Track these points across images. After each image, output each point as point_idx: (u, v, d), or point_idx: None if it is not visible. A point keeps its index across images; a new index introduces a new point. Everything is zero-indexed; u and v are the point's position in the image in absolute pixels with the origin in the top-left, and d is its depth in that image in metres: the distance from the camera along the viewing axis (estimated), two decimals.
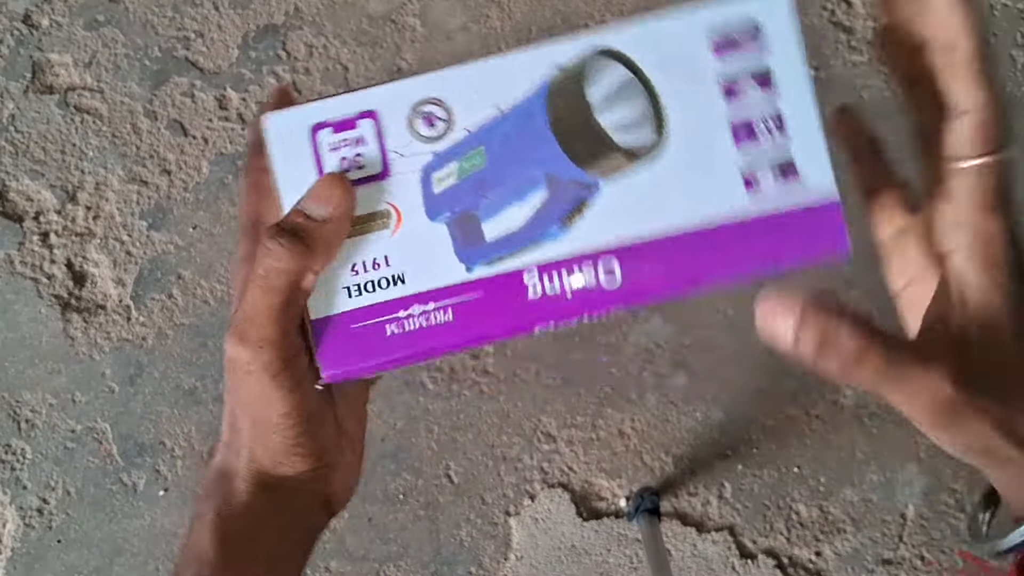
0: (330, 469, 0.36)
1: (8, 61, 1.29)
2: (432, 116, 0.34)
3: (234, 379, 0.33)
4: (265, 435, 0.33)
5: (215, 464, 0.35)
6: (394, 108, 0.34)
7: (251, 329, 0.31)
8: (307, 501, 0.36)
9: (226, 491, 0.34)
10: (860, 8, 1.27)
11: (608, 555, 1.12)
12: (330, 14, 1.30)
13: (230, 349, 0.32)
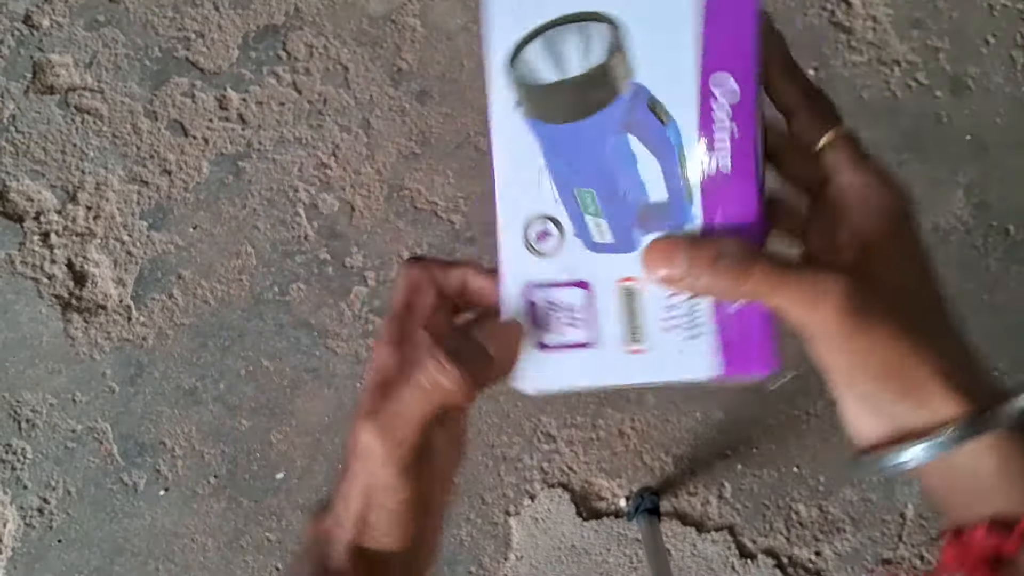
0: (420, 549, 0.37)
1: (9, 61, 1.30)
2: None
3: (361, 464, 0.34)
4: (376, 516, 0.35)
5: (319, 529, 0.37)
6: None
7: (396, 428, 0.33)
8: (395, 572, 0.37)
9: (323, 555, 0.36)
10: (860, 8, 1.27)
11: (608, 555, 1.12)
12: (330, 14, 1.30)
13: (367, 438, 0.33)
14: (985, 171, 1.21)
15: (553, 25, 0.33)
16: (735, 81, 0.33)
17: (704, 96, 0.33)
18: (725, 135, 0.33)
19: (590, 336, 0.34)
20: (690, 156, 0.33)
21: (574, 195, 0.34)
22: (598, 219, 0.34)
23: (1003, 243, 1.19)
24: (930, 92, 1.24)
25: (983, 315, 1.16)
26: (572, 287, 0.34)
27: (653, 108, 0.33)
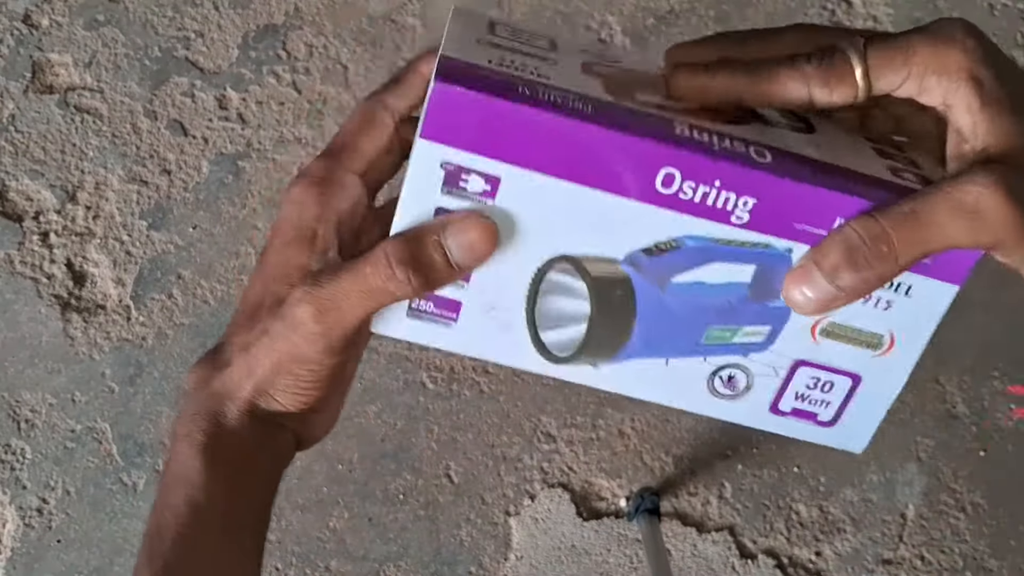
0: (315, 415, 0.36)
1: (8, 61, 1.29)
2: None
3: (285, 335, 0.33)
4: (282, 381, 0.34)
5: (212, 386, 0.34)
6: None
7: (335, 315, 0.32)
8: (285, 436, 0.36)
9: (217, 413, 0.34)
10: (860, 8, 1.27)
11: (608, 555, 1.12)
12: (330, 14, 1.30)
13: (302, 314, 0.32)
14: None
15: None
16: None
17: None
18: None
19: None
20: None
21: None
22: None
23: None
24: None
25: (983, 315, 1.16)
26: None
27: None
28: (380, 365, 1.17)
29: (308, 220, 0.34)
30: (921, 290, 0.33)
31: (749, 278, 0.32)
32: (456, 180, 0.31)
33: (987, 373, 1.15)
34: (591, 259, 0.32)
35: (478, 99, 0.30)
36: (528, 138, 0.31)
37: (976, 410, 1.15)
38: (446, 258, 0.31)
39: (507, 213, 0.32)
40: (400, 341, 0.35)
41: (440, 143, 0.31)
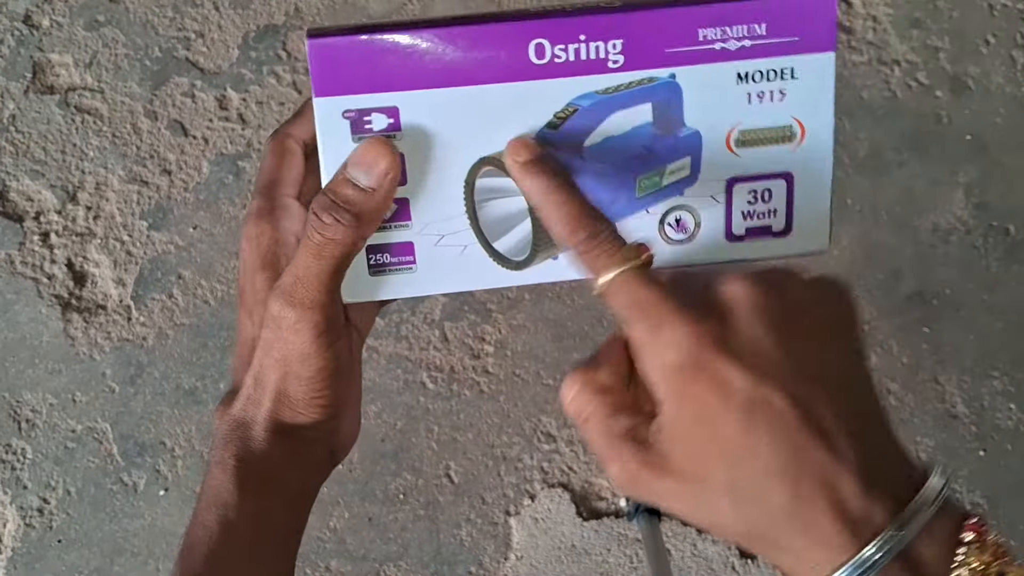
0: (339, 421, 0.37)
1: (8, 61, 1.30)
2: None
3: (275, 335, 0.34)
4: (292, 388, 0.35)
5: (233, 414, 0.36)
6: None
7: (301, 291, 0.33)
8: (317, 450, 0.38)
9: (244, 438, 0.36)
10: (860, 8, 1.27)
11: (608, 555, 1.12)
12: (330, 14, 1.30)
13: (277, 308, 0.33)
14: (985, 171, 1.21)
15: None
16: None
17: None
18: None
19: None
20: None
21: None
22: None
23: (1003, 243, 1.19)
24: (930, 92, 1.24)
25: (983, 315, 1.17)
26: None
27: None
28: (380, 365, 1.17)
29: (266, 247, 0.36)
30: (803, 68, 0.34)
31: (650, 116, 0.34)
32: (361, 124, 0.33)
33: (987, 373, 1.16)
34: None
35: (349, 42, 0.32)
36: (405, 60, 0.32)
37: (976, 410, 1.15)
38: (357, 187, 0.33)
39: (417, 138, 0.34)
40: (383, 308, 0.35)
41: (333, 95, 0.33)
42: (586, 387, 0.31)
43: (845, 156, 1.21)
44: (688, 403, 0.28)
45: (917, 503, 0.27)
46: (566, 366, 1.16)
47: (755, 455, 0.27)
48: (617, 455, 0.30)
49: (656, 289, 0.29)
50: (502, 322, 1.18)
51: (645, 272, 0.30)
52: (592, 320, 1.17)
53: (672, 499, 0.29)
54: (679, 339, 0.28)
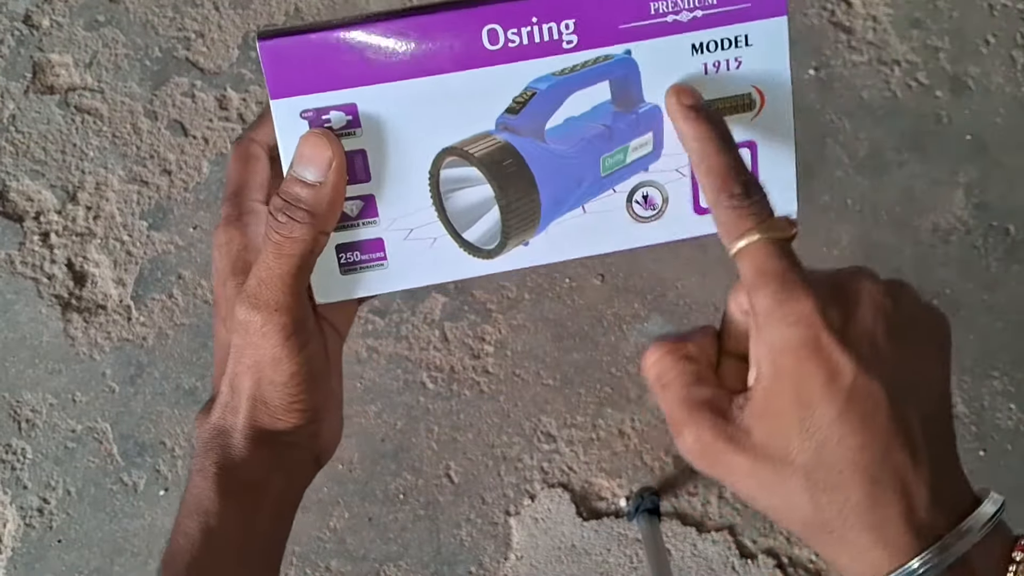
0: (320, 424, 0.37)
1: (9, 61, 1.30)
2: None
3: (244, 341, 0.34)
4: (268, 393, 0.35)
5: (212, 422, 0.36)
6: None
7: (265, 293, 0.33)
8: (299, 455, 0.37)
9: (224, 445, 0.35)
10: (860, 8, 1.27)
11: (608, 555, 1.12)
12: (330, 14, 1.30)
13: (243, 313, 0.33)
14: (985, 171, 1.21)
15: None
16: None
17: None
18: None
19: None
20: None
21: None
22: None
23: (1003, 243, 1.19)
24: (930, 92, 1.24)
25: (983, 315, 1.17)
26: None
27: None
28: (380, 365, 1.17)
29: (236, 252, 0.36)
30: (756, 35, 0.34)
31: (609, 94, 0.34)
32: (319, 123, 0.33)
33: (987, 373, 1.16)
34: (468, 141, 0.34)
35: (301, 41, 0.32)
36: (359, 56, 0.32)
37: (976, 410, 1.15)
38: (305, 183, 0.33)
39: (377, 133, 0.33)
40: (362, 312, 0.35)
41: (289, 96, 0.33)
42: (670, 353, 0.31)
43: (845, 156, 1.21)
44: (790, 379, 0.28)
45: (975, 518, 0.28)
46: (566, 366, 1.16)
47: (844, 444, 0.28)
48: (694, 423, 0.29)
49: (793, 264, 0.29)
50: (502, 322, 1.18)
51: (787, 245, 0.30)
52: (592, 320, 1.17)
53: (742, 476, 0.29)
54: (803, 315, 0.28)
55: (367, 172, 0.34)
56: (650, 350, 0.32)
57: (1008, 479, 1.13)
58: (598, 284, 1.18)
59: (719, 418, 0.29)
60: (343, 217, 0.34)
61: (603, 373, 1.15)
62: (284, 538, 0.38)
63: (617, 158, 0.35)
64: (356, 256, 0.35)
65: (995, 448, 1.14)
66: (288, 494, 0.38)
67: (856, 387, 0.28)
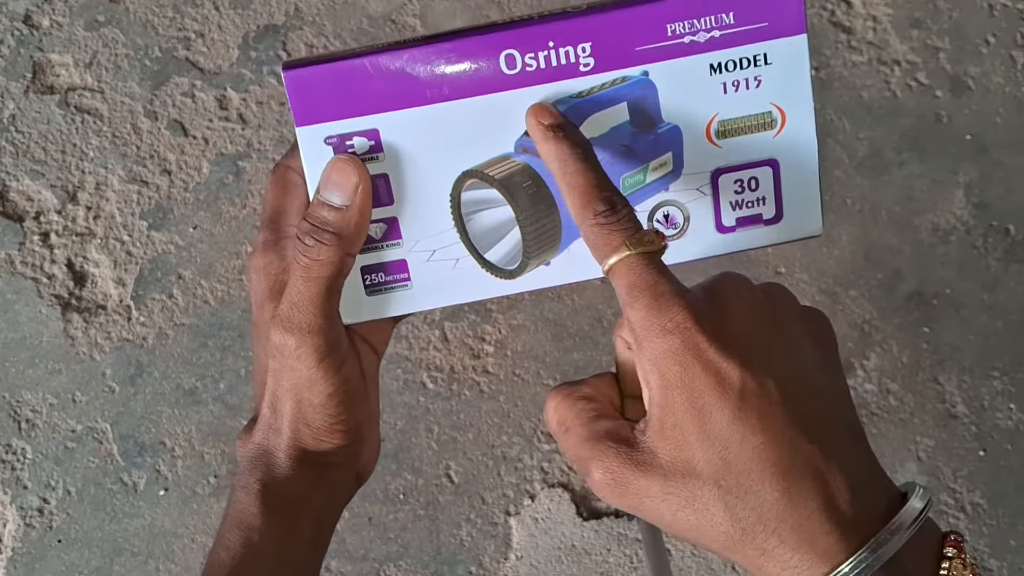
0: (361, 445, 0.38)
1: (8, 61, 1.30)
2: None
3: (280, 364, 0.35)
4: (309, 415, 0.35)
5: (255, 441, 0.37)
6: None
7: (298, 316, 0.33)
8: (341, 475, 0.38)
9: (269, 464, 0.36)
10: (860, 8, 1.27)
11: (608, 555, 1.12)
12: (330, 14, 1.30)
13: (278, 337, 0.34)
14: (985, 171, 1.21)
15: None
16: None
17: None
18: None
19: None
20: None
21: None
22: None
23: (1003, 243, 1.19)
24: (930, 92, 1.24)
25: (983, 315, 1.17)
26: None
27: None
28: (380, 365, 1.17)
29: (274, 276, 0.36)
30: (776, 53, 0.34)
31: (627, 115, 0.34)
32: (343, 149, 0.34)
33: (987, 373, 1.16)
34: (488, 163, 0.34)
35: (325, 70, 0.33)
36: (380, 83, 0.33)
37: (976, 410, 1.15)
38: (331, 207, 0.33)
39: (400, 157, 0.34)
40: (393, 335, 0.36)
41: (313, 124, 0.33)
42: (567, 397, 0.31)
43: (845, 156, 1.21)
44: (679, 389, 0.28)
45: (904, 514, 0.27)
46: (566, 366, 1.16)
47: (747, 444, 0.27)
48: (599, 455, 0.29)
49: (664, 275, 0.29)
50: (502, 322, 1.18)
51: (657, 258, 0.30)
52: (592, 320, 1.17)
53: (656, 501, 0.28)
54: (678, 323, 0.28)
55: (390, 195, 0.35)
56: (548, 399, 0.32)
57: (1008, 479, 1.13)
58: (598, 284, 1.18)
59: (623, 446, 0.29)
60: (368, 240, 0.35)
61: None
62: (322, 554, 0.38)
63: (637, 178, 0.35)
64: (381, 277, 0.35)
65: (995, 448, 1.14)
66: (328, 512, 0.38)
67: (746, 386, 0.27)
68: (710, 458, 0.27)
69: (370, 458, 0.39)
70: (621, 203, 0.30)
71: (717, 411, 0.27)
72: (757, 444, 0.27)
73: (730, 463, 0.27)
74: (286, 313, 0.34)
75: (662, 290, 0.28)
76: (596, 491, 0.30)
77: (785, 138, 0.34)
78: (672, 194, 0.35)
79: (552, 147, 0.32)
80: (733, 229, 0.36)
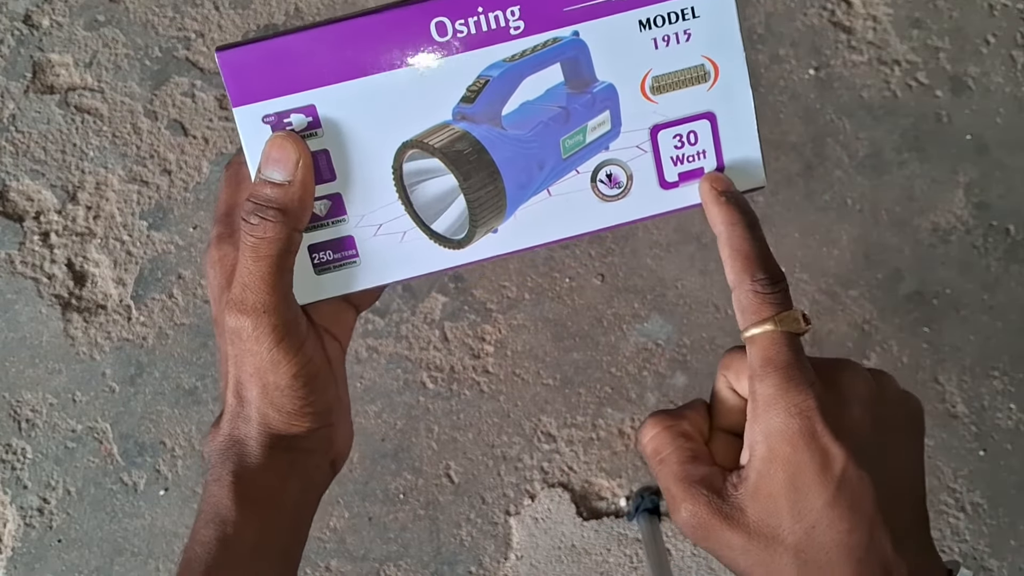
0: (333, 428, 0.37)
1: (9, 61, 1.30)
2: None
3: (239, 349, 0.34)
4: (275, 398, 0.35)
5: (224, 433, 0.36)
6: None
7: (250, 297, 0.33)
8: (315, 461, 0.37)
9: (240, 454, 0.36)
10: (860, 8, 1.27)
11: (608, 555, 1.12)
12: (330, 13, 1.30)
13: (232, 320, 0.34)
14: (985, 171, 1.21)
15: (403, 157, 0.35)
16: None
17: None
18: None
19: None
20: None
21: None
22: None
23: (1003, 243, 1.19)
24: (930, 92, 1.24)
25: (983, 315, 1.17)
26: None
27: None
28: (380, 365, 1.17)
29: (230, 267, 0.36)
30: (703, 6, 0.34)
31: (561, 76, 0.34)
32: (281, 127, 0.34)
33: (987, 373, 1.16)
34: (428, 132, 0.34)
35: (256, 48, 0.34)
36: (313, 59, 0.33)
37: (976, 410, 1.15)
38: (273, 183, 0.33)
39: (339, 132, 0.34)
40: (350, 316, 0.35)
41: (249, 103, 0.34)
42: (667, 430, 0.33)
43: (845, 156, 1.21)
44: (785, 465, 0.30)
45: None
46: (566, 366, 1.16)
47: (833, 528, 0.30)
48: (691, 498, 0.31)
49: (800, 359, 0.31)
50: (502, 322, 1.18)
51: (798, 340, 0.32)
52: (592, 320, 1.17)
53: (736, 553, 0.31)
54: (803, 408, 0.30)
55: (332, 171, 0.35)
56: (647, 425, 0.34)
57: (1008, 479, 1.13)
58: (598, 284, 1.18)
59: (715, 495, 0.31)
60: (313, 217, 0.35)
61: (603, 373, 1.15)
62: (300, 546, 0.38)
63: (576, 139, 0.35)
64: (328, 255, 0.35)
65: (995, 448, 1.14)
66: (304, 502, 0.38)
67: (846, 476, 0.30)
68: (796, 531, 0.30)
69: (343, 445, 0.39)
70: (780, 279, 0.32)
71: (814, 493, 0.30)
72: (842, 529, 0.30)
73: (813, 540, 0.30)
74: (238, 295, 0.33)
75: (794, 373, 0.31)
76: (680, 527, 0.32)
77: (720, 90, 0.35)
78: (613, 153, 0.35)
79: (723, 211, 0.33)
80: (676, 184, 0.36)
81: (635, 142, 0.35)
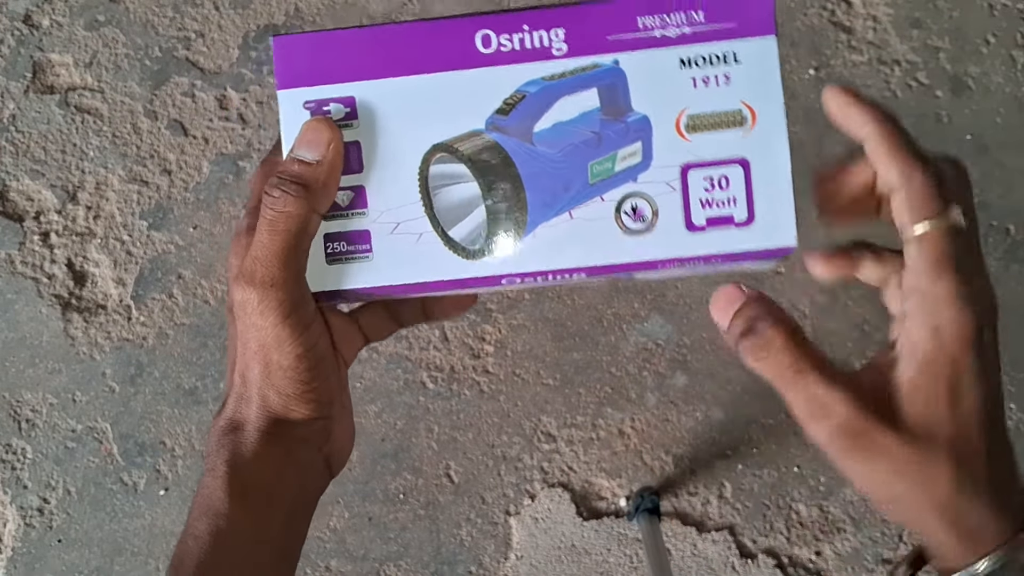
0: (332, 421, 0.37)
1: (9, 61, 1.30)
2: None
3: (244, 323, 0.34)
4: (277, 379, 0.34)
5: (225, 415, 0.36)
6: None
7: (260, 270, 0.33)
8: (311, 455, 0.37)
9: (236, 442, 0.35)
10: (860, 8, 1.27)
11: (608, 555, 1.12)
12: (330, 14, 1.30)
13: (239, 292, 0.33)
14: (985, 171, 1.21)
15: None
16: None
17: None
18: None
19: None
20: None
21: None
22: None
23: (1003, 243, 1.19)
24: (930, 92, 1.24)
25: None
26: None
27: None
28: (380, 365, 1.17)
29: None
30: (745, 53, 0.34)
31: (597, 101, 0.35)
32: (320, 113, 0.35)
33: None
34: (458, 139, 0.35)
35: (308, 38, 0.35)
36: (361, 53, 0.35)
37: None
38: (303, 162, 0.34)
39: (373, 126, 0.35)
40: (339, 300, 0.35)
41: (294, 87, 0.35)
42: (794, 335, 0.31)
43: None
44: (952, 365, 0.29)
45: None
46: (566, 366, 1.16)
47: (982, 436, 0.29)
48: (843, 402, 0.30)
49: (971, 255, 0.31)
50: (502, 322, 1.18)
51: (965, 236, 0.31)
52: (592, 320, 1.17)
53: (886, 460, 0.29)
54: (977, 309, 0.30)
55: (360, 163, 0.35)
56: (762, 344, 0.31)
57: None
58: (598, 283, 1.18)
59: (868, 397, 0.30)
60: (333, 207, 0.35)
61: (603, 373, 1.15)
62: (298, 543, 0.37)
63: (605, 166, 0.35)
64: (342, 246, 0.35)
65: None
66: (300, 499, 0.37)
67: (993, 384, 0.30)
68: (952, 435, 0.29)
69: (342, 445, 0.38)
70: (943, 171, 0.31)
71: (969, 399, 0.29)
72: (986, 439, 0.30)
73: (970, 445, 0.29)
74: (248, 268, 0.33)
75: (969, 272, 0.30)
76: (825, 438, 0.30)
77: (756, 138, 0.35)
78: (641, 186, 0.35)
79: (869, 108, 0.33)
80: (703, 228, 0.35)
81: (665, 178, 0.35)
